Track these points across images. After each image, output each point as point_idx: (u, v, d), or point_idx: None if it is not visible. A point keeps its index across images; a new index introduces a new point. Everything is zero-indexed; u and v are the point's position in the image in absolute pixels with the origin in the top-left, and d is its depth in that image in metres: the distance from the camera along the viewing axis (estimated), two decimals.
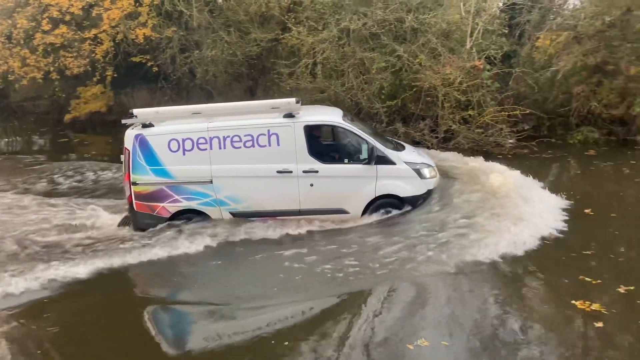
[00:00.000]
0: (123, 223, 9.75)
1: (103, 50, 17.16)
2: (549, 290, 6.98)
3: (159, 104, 18.97)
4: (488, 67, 13.69)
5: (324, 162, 9.10)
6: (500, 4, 15.19)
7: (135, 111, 9.13)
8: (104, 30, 16.94)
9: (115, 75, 17.87)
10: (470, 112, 13.66)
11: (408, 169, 9.22)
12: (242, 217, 9.25)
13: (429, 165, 9.56)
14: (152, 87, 18.73)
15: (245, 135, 8.92)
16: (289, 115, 8.99)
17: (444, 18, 14.44)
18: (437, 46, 13.91)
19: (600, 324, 5.93)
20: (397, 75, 14.32)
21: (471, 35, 14.16)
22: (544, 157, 12.90)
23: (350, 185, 9.13)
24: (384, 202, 9.24)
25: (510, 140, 13.24)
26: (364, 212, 9.27)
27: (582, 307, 6.28)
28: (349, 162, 9.25)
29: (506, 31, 15.06)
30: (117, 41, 17.22)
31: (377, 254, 8.08)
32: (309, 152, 9.00)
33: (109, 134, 17.22)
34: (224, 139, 8.92)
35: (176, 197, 9.14)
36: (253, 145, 8.94)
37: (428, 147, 13.59)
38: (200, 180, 9.03)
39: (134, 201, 9.17)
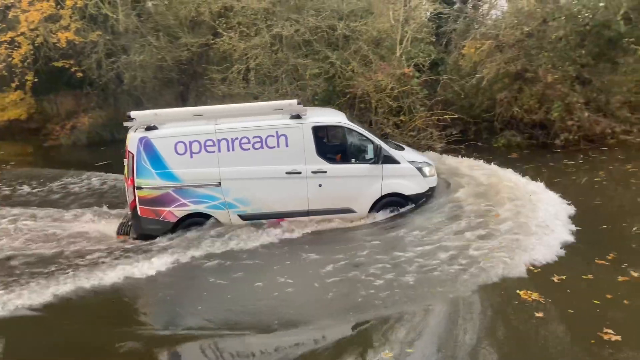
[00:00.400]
0: (122, 232, 9.23)
1: (21, 55, 16.20)
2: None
3: (85, 111, 18.27)
4: (417, 74, 14.12)
5: (331, 163, 9.19)
6: (428, 13, 15.70)
7: (133, 114, 8.82)
8: (21, 33, 16.00)
9: (36, 80, 16.92)
10: (402, 117, 14.04)
11: (412, 167, 9.43)
12: (250, 219, 9.11)
13: (429, 164, 9.81)
14: (78, 93, 17.92)
15: (254, 137, 8.82)
16: (297, 117, 9.00)
17: (375, 26, 14.77)
18: (369, 53, 14.20)
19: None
20: (330, 81, 14.47)
21: (401, 43, 14.56)
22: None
23: (357, 185, 9.22)
24: (389, 201, 9.40)
25: (440, 144, 13.68)
26: (370, 211, 9.37)
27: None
28: (355, 162, 9.40)
29: (434, 39, 15.62)
30: (36, 45, 16.32)
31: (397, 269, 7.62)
32: (317, 153, 9.03)
33: (29, 142, 16.25)
34: (233, 140, 8.79)
35: (183, 200, 8.89)
36: (262, 147, 8.85)
37: None
38: (208, 183, 8.86)
39: (137, 206, 8.78)
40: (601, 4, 13.62)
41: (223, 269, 7.92)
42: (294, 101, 9.24)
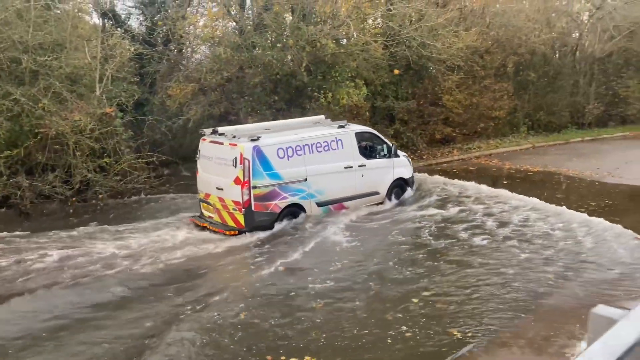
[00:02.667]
0: (228, 228, 10.64)
1: None
2: None
3: None
4: (120, 114, 13.47)
5: (367, 158, 12.23)
6: (129, 53, 15.22)
7: (221, 129, 11.24)
8: None
9: None
10: (106, 160, 13.13)
11: (405, 159, 13.23)
12: (323, 206, 11.47)
13: (407, 156, 13.69)
14: None
15: (323, 142, 11.37)
16: (343, 126, 11.94)
17: (69, 62, 13.55)
18: (62, 91, 12.90)
19: None
20: (16, 120, 12.58)
21: (101, 81, 13.71)
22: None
23: (381, 173, 12.44)
24: (396, 184, 12.69)
25: (148, 186, 13.27)
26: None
27: None
28: (378, 157, 12.53)
29: (137, 79, 15.22)
30: None
31: None
32: (359, 152, 12.00)
33: None
34: (311, 146, 11.17)
35: (284, 194, 10.86)
36: (328, 149, 11.42)
37: (61, 200, 12.47)
38: (299, 179, 11.01)
39: (252, 203, 10.41)
40: (288, 57, 15.52)
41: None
42: (322, 116, 13.00)
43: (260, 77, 14.82)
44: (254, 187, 10.37)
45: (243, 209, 10.36)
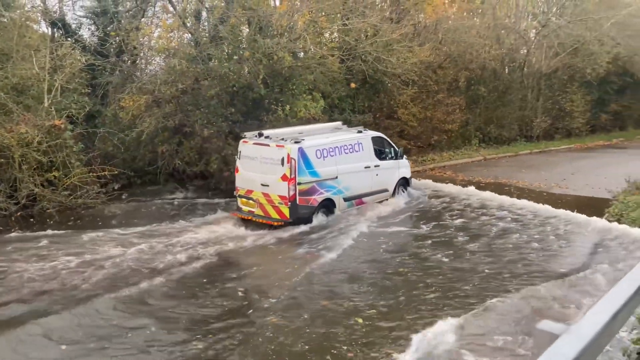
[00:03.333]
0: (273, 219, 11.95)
1: None
2: None
3: None
4: (70, 126, 13.04)
5: (380, 160, 13.93)
6: (80, 64, 14.78)
7: (265, 132, 12.53)
8: None
9: None
10: (54, 173, 12.65)
11: (406, 161, 15.24)
12: (347, 201, 13.01)
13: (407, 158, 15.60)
14: None
15: (349, 145, 13.01)
16: (360, 131, 13.82)
17: (15, 72, 13.05)
18: (8, 102, 12.39)
19: None
20: None
21: (49, 93, 13.25)
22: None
23: (390, 173, 14.26)
24: (400, 182, 14.59)
25: (99, 201, 12.84)
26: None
27: None
28: (387, 159, 14.18)
29: (89, 91, 14.79)
30: None
31: None
32: (374, 154, 13.72)
33: None
34: (340, 148, 12.74)
35: (321, 190, 12.30)
36: (352, 152, 13.05)
37: (5, 216, 11.91)
38: (332, 177, 12.48)
39: (297, 197, 11.72)
40: (245, 69, 15.45)
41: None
42: (339, 122, 14.90)
43: (217, 89, 14.65)
44: (299, 184, 11.78)
45: (289, 203, 11.70)
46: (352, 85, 18.35)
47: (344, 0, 18.34)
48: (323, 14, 18.17)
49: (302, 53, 17.28)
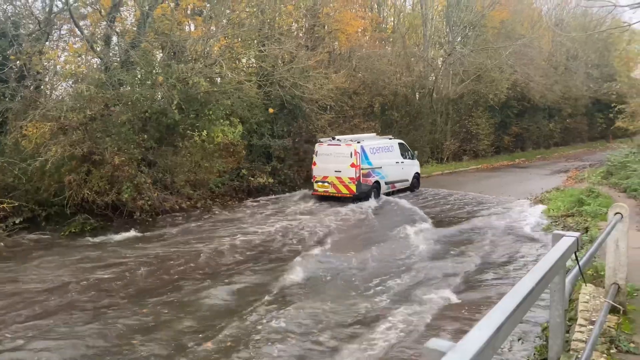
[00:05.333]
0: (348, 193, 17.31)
1: None
2: None
3: None
4: None
5: (404, 158, 19.32)
6: None
7: (337, 138, 18.05)
8: None
9: None
10: None
11: (417, 161, 20.56)
12: (386, 184, 18.42)
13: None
14: None
15: (386, 146, 18.67)
16: (390, 138, 19.74)
17: None
18: None
19: None
20: None
21: None
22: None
23: (409, 168, 19.70)
24: (415, 175, 20.09)
25: None
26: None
27: None
28: (407, 158, 19.53)
29: None
30: None
31: None
32: (400, 154, 19.14)
33: None
34: (382, 148, 18.36)
35: (373, 175, 17.69)
36: (388, 151, 18.63)
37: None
38: (378, 167, 17.83)
39: (361, 178, 17.04)
40: (158, 95, 15.07)
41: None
42: (374, 134, 20.70)
43: (128, 114, 14.13)
44: (362, 169, 17.05)
45: (355, 182, 17.00)
46: (271, 110, 18.47)
47: (260, 27, 18.56)
48: (239, 39, 18.25)
49: (219, 78, 17.19)
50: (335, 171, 17.14)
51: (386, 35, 27.97)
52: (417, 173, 20.17)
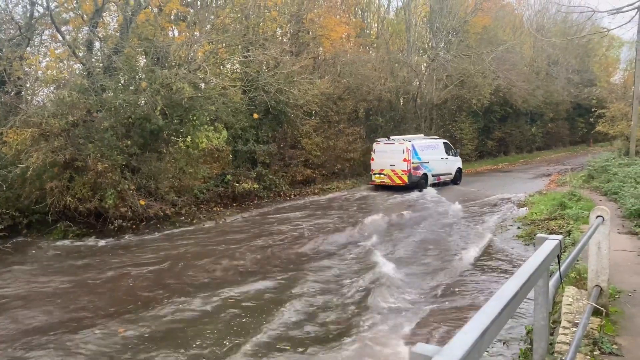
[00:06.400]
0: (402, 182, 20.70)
1: None
2: None
3: None
4: None
5: (448, 155, 22.50)
6: None
7: (392, 137, 21.39)
8: None
9: None
10: None
11: (459, 157, 23.76)
12: (433, 177, 21.57)
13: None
14: None
15: (433, 144, 21.97)
16: (436, 138, 23.38)
17: None
18: None
19: None
20: None
21: None
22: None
23: (452, 164, 22.86)
24: (457, 170, 23.26)
25: None
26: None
27: None
28: (450, 155, 22.67)
29: None
30: None
31: None
32: (444, 151, 22.35)
33: None
34: (429, 145, 21.63)
35: (422, 169, 20.86)
36: (434, 149, 21.82)
37: None
38: (426, 162, 20.99)
39: (411, 170, 20.31)
40: (142, 101, 14.93)
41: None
42: (421, 134, 24.49)
43: (111, 120, 13.99)
44: (412, 163, 20.22)
45: (407, 174, 20.24)
46: (255, 115, 18.42)
47: (244, 33, 18.53)
48: (223, 45, 18.19)
49: (203, 84, 17.10)
50: (390, 165, 20.50)
51: (370, 41, 28.14)
52: (459, 168, 23.37)
